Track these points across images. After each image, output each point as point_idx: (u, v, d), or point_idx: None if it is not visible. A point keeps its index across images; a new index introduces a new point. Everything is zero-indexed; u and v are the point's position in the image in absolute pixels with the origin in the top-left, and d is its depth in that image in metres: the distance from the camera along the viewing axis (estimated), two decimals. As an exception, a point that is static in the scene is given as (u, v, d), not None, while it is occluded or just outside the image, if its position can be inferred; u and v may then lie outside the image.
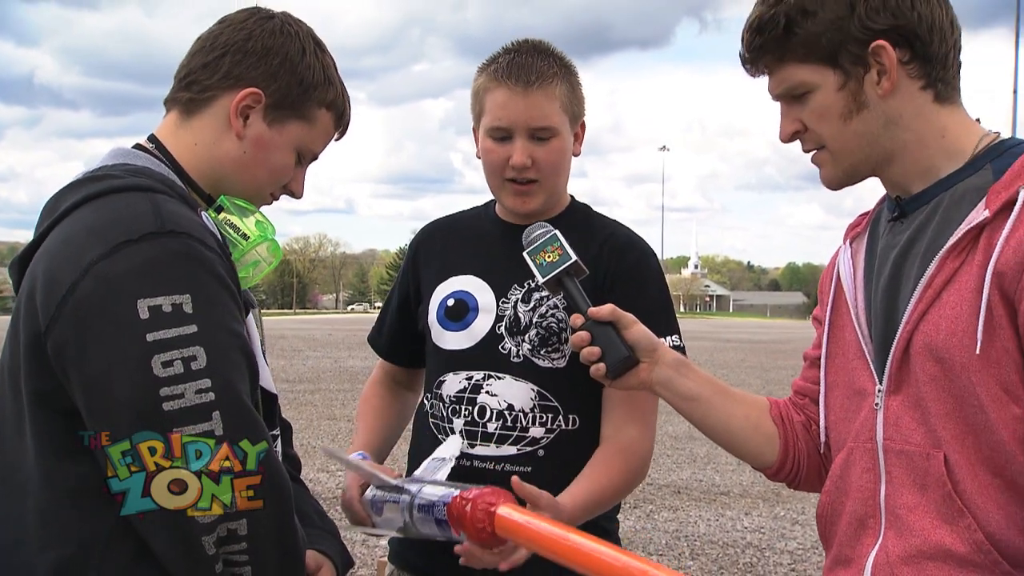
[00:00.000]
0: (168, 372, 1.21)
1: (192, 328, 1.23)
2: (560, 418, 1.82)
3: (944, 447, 1.30)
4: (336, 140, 1.59)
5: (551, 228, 1.66)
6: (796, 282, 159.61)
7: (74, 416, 1.26)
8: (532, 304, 1.84)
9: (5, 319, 1.38)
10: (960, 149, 1.38)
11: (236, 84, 1.46)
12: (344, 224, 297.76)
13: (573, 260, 1.61)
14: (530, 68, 1.79)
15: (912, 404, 1.34)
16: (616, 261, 1.85)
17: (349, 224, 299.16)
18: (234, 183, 1.49)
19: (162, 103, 1.54)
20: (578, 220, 1.91)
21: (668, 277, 2.09)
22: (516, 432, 1.81)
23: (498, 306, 1.86)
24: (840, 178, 1.44)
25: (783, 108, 1.45)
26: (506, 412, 1.81)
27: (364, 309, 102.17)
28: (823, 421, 1.54)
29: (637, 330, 1.56)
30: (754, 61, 1.43)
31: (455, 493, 1.50)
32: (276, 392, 1.52)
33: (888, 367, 1.37)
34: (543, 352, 1.82)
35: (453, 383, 1.87)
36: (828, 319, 1.54)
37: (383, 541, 1.58)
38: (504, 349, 1.84)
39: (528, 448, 1.80)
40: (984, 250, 1.28)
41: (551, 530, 1.29)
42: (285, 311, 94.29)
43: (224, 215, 1.48)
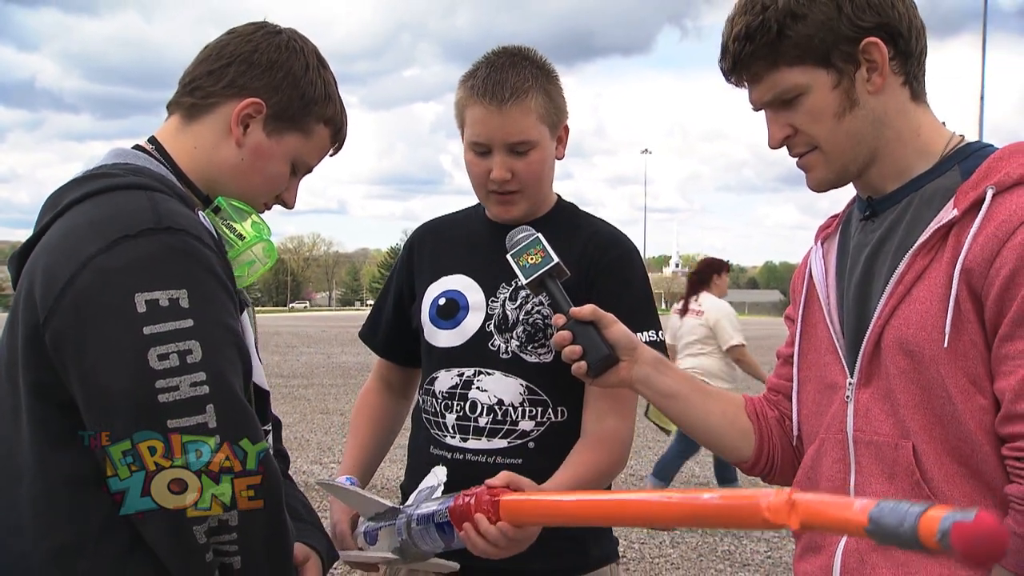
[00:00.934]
0: (164, 365, 1.21)
1: (188, 322, 1.24)
2: (549, 411, 1.86)
3: (912, 437, 1.33)
4: (331, 156, 1.62)
5: (533, 231, 1.70)
6: (773, 280, 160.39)
7: (71, 409, 1.27)
8: (519, 302, 1.88)
9: (6, 317, 1.42)
10: (932, 150, 1.41)
11: (239, 93, 1.48)
12: (337, 224, 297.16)
13: (555, 262, 1.65)
14: (504, 84, 1.80)
15: (882, 396, 1.38)
16: (600, 256, 1.89)
17: (342, 224, 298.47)
18: (230, 189, 1.51)
19: (163, 106, 1.56)
20: (564, 219, 1.96)
21: (650, 276, 2.13)
22: (507, 426, 1.85)
23: (487, 304, 1.90)
24: (830, 179, 1.45)
25: (770, 115, 1.45)
26: (496, 407, 1.85)
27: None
28: (796, 415, 1.57)
29: (617, 329, 1.58)
30: (743, 70, 1.43)
31: (454, 497, 1.58)
32: (268, 389, 1.53)
33: (859, 361, 1.40)
34: (530, 348, 1.86)
35: (445, 380, 1.91)
36: (800, 317, 1.57)
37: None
38: (493, 346, 1.88)
39: (519, 441, 1.85)
40: (953, 248, 1.31)
41: (557, 497, 1.32)
42: (279, 308, 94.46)
43: (221, 216, 1.49)
